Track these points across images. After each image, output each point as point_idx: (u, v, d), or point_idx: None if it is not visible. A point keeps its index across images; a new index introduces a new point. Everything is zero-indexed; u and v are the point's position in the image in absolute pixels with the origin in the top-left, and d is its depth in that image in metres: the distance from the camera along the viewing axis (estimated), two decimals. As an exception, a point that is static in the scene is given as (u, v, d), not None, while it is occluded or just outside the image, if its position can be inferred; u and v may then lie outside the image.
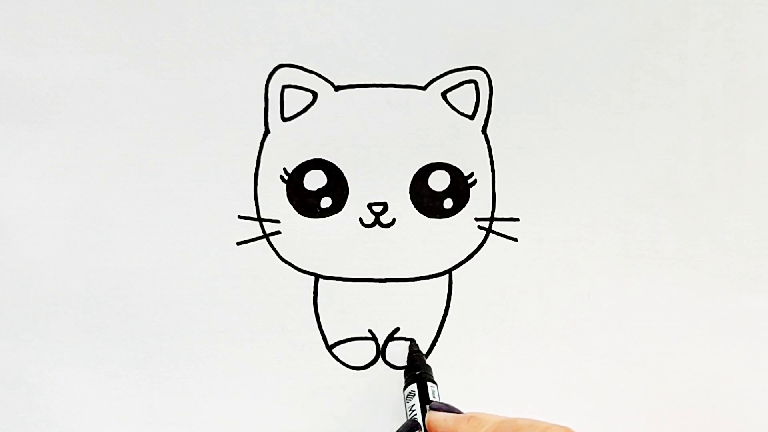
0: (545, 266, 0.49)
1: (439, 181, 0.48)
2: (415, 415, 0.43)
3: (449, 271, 0.49)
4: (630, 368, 0.49)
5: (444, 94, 0.48)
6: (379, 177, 0.48)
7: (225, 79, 0.47)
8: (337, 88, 0.48)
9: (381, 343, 0.48)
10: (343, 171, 0.48)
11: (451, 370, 0.48)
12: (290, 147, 0.48)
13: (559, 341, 0.49)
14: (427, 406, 0.43)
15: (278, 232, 0.48)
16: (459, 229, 0.48)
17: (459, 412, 0.42)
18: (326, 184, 0.48)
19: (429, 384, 0.45)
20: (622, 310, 0.49)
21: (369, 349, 0.48)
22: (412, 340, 0.48)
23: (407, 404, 0.44)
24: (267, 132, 0.48)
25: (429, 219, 0.48)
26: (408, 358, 0.47)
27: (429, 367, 0.46)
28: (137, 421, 0.48)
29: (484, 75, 0.48)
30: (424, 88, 0.48)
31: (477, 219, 0.48)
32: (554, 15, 0.48)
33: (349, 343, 0.48)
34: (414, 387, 0.44)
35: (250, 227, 0.48)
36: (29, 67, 0.47)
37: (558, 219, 0.49)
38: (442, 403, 0.43)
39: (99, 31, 0.47)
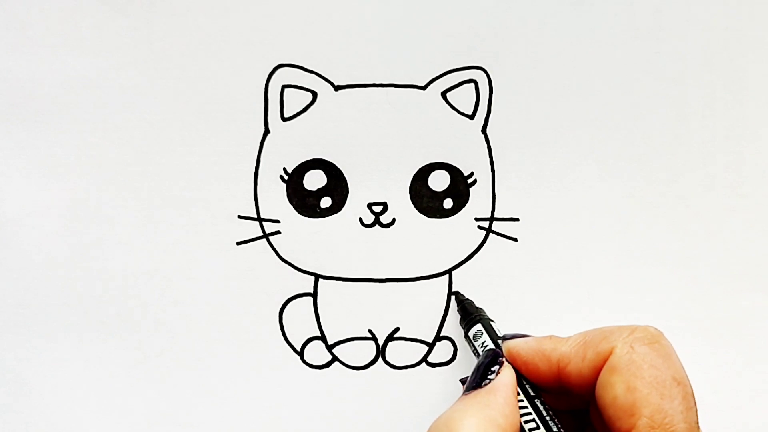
0: (545, 266, 0.49)
1: (439, 181, 0.48)
2: (488, 348, 0.43)
3: (449, 271, 0.49)
4: (630, 368, 0.49)
5: (444, 94, 0.48)
6: (379, 177, 0.48)
7: (225, 79, 0.47)
8: (337, 88, 0.48)
9: (381, 343, 0.48)
10: (343, 171, 0.48)
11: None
12: (290, 147, 0.48)
13: (559, 341, 0.49)
14: (503, 336, 0.43)
15: (278, 232, 0.48)
16: (459, 229, 0.48)
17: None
18: (326, 184, 0.48)
19: (491, 323, 0.45)
20: (622, 310, 0.49)
21: (369, 349, 0.48)
22: (456, 293, 0.48)
23: (475, 343, 0.44)
24: (267, 132, 0.48)
25: (429, 219, 0.48)
26: (460, 308, 0.47)
27: (482, 309, 0.46)
28: (137, 421, 0.48)
29: (484, 75, 0.48)
30: (423, 88, 0.48)
31: (477, 219, 0.48)
32: (554, 15, 0.48)
33: (349, 343, 0.48)
34: (479, 326, 0.44)
35: (250, 227, 0.48)
36: (29, 67, 0.47)
37: (558, 219, 0.49)
38: (515, 333, 0.43)
39: (99, 31, 0.47)
